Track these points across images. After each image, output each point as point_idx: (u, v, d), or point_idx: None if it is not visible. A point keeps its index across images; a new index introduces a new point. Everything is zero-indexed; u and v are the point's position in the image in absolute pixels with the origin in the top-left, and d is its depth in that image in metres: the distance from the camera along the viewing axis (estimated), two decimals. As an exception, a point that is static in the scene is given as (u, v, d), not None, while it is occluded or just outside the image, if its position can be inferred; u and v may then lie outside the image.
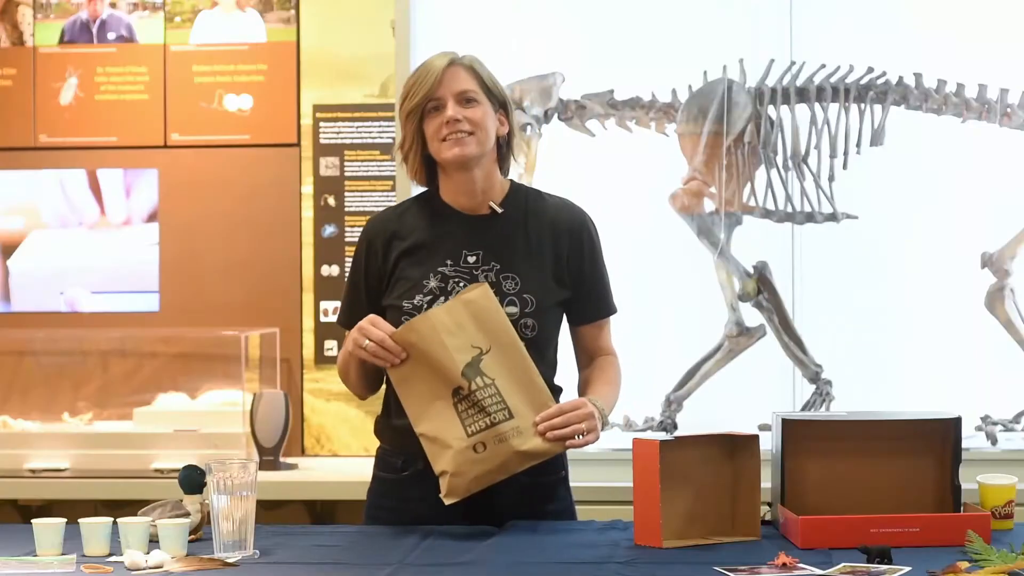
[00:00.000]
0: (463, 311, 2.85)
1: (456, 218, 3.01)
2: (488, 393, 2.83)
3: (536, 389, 2.87)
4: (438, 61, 2.97)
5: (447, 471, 2.82)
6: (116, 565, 2.59)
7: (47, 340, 5.10)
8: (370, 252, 3.03)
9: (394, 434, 3.00)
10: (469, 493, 2.84)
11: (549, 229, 3.01)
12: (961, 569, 2.42)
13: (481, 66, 3.01)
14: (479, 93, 2.97)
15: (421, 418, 2.86)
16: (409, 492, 2.98)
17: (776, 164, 4.36)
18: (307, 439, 5.01)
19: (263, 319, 5.01)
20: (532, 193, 3.08)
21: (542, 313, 2.95)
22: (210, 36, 5.08)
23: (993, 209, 4.44)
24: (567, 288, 3.01)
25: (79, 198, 5.10)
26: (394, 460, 3.02)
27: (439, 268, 2.96)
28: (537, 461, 2.87)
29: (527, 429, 2.84)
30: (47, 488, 4.64)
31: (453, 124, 2.93)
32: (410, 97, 2.96)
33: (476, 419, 2.83)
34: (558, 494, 3.05)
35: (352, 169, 5.03)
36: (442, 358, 2.83)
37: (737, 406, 4.36)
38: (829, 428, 2.91)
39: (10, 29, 5.14)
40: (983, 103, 4.32)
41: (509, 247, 2.98)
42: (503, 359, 2.85)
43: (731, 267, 4.39)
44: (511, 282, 2.94)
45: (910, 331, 4.45)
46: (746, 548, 2.68)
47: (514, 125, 3.04)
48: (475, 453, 2.82)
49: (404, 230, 3.02)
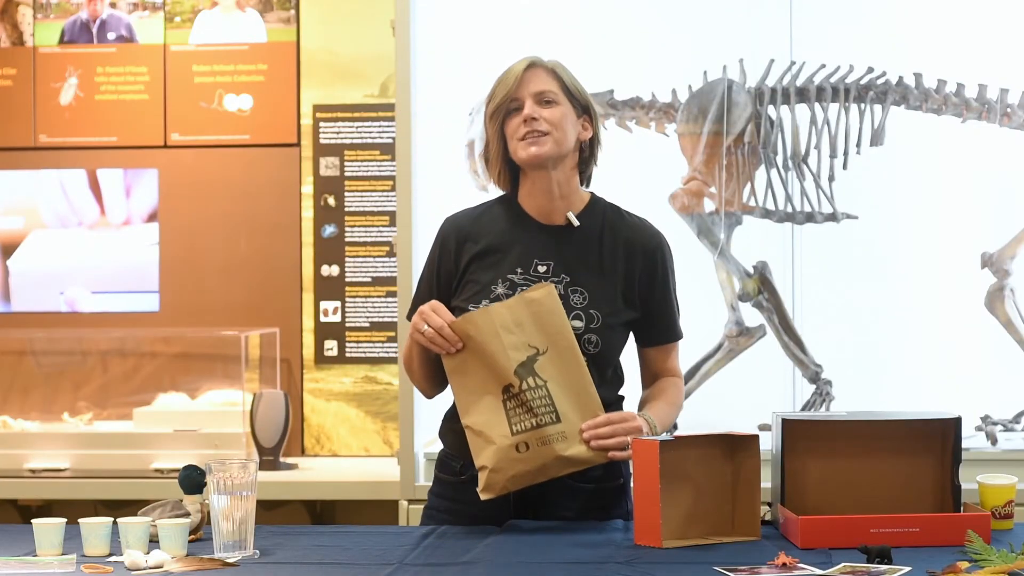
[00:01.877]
0: (524, 309, 2.85)
1: (532, 225, 3.00)
2: (538, 395, 2.83)
3: (587, 396, 2.87)
4: (519, 64, 2.97)
5: (487, 466, 2.83)
6: (116, 565, 2.59)
7: (47, 340, 5.10)
8: (443, 251, 3.02)
9: (455, 438, 3.00)
10: (505, 491, 2.85)
11: (624, 248, 3.00)
12: (961, 569, 2.42)
13: (564, 70, 3.00)
14: (559, 95, 2.96)
15: (469, 410, 2.86)
16: (465, 495, 2.98)
17: (776, 164, 4.36)
18: (307, 439, 5.01)
19: (263, 319, 5.01)
20: (611, 209, 3.06)
21: (607, 330, 2.94)
22: (210, 36, 5.08)
23: (993, 209, 4.44)
24: (635, 309, 3.00)
25: (79, 198, 5.11)
26: (454, 463, 3.03)
27: (508, 275, 2.95)
28: (577, 468, 2.87)
29: (572, 435, 2.84)
30: (47, 488, 4.64)
31: (530, 123, 2.92)
32: (492, 99, 2.97)
33: (523, 419, 2.83)
34: (613, 501, 3.03)
35: (352, 169, 5.03)
36: (497, 354, 2.83)
37: (737, 406, 4.37)
38: (829, 428, 2.91)
39: (10, 29, 5.14)
40: (983, 103, 4.32)
41: (581, 261, 2.97)
42: (558, 362, 2.85)
43: (731, 267, 4.39)
44: (579, 296, 2.94)
45: (910, 331, 4.45)
46: (746, 548, 2.68)
47: (598, 131, 3.04)
48: (517, 452, 2.83)
49: (478, 232, 3.01)
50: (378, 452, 4.98)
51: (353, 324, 5.02)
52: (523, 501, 2.94)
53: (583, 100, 3.00)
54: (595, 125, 3.03)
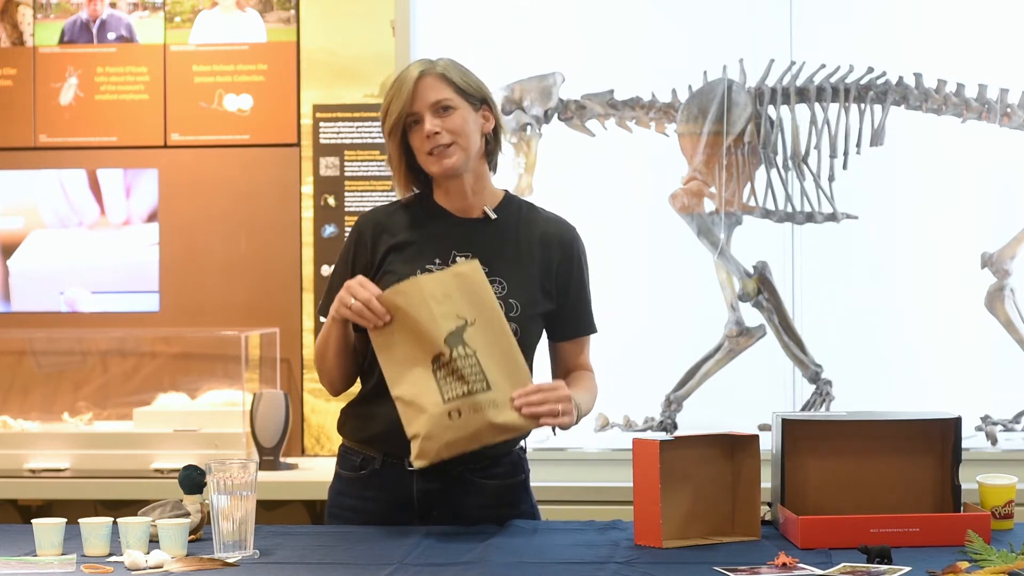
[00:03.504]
0: (452, 282, 2.85)
1: (448, 219, 3.01)
2: (468, 363, 2.82)
3: (516, 366, 2.86)
4: (410, 73, 2.95)
5: (419, 434, 2.81)
6: (116, 565, 2.59)
7: (47, 340, 5.10)
8: (359, 244, 3.02)
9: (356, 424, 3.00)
10: (439, 459, 2.82)
11: (540, 240, 3.01)
12: (961, 569, 2.42)
13: (454, 69, 2.97)
14: (454, 98, 2.94)
15: (399, 381, 2.85)
16: (367, 491, 2.99)
17: (776, 164, 4.36)
18: (307, 439, 5.01)
19: (263, 319, 5.01)
20: (525, 204, 3.08)
21: (526, 320, 2.95)
22: (210, 36, 5.08)
23: (993, 209, 4.44)
24: (552, 300, 3.01)
25: (79, 198, 5.11)
26: (353, 458, 3.02)
27: (427, 266, 2.96)
28: (510, 435, 2.86)
29: (504, 402, 2.82)
30: (47, 488, 4.64)
31: (433, 138, 2.92)
32: (388, 115, 2.95)
33: (454, 386, 2.82)
34: (517, 498, 3.04)
35: (352, 169, 5.03)
36: (426, 323, 2.82)
37: (737, 406, 4.37)
38: (829, 428, 2.91)
39: (10, 29, 5.14)
40: (983, 103, 4.32)
41: (498, 252, 2.98)
42: (487, 333, 2.85)
43: (731, 267, 4.39)
44: (498, 286, 2.94)
45: (910, 331, 4.45)
46: (746, 548, 2.68)
47: (499, 118, 3.02)
48: (449, 420, 2.81)
49: (395, 226, 3.02)
50: (378, 452, 4.98)
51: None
52: (427, 497, 2.93)
53: (479, 94, 2.98)
54: (495, 113, 3.01)
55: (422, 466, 2.82)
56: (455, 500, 2.95)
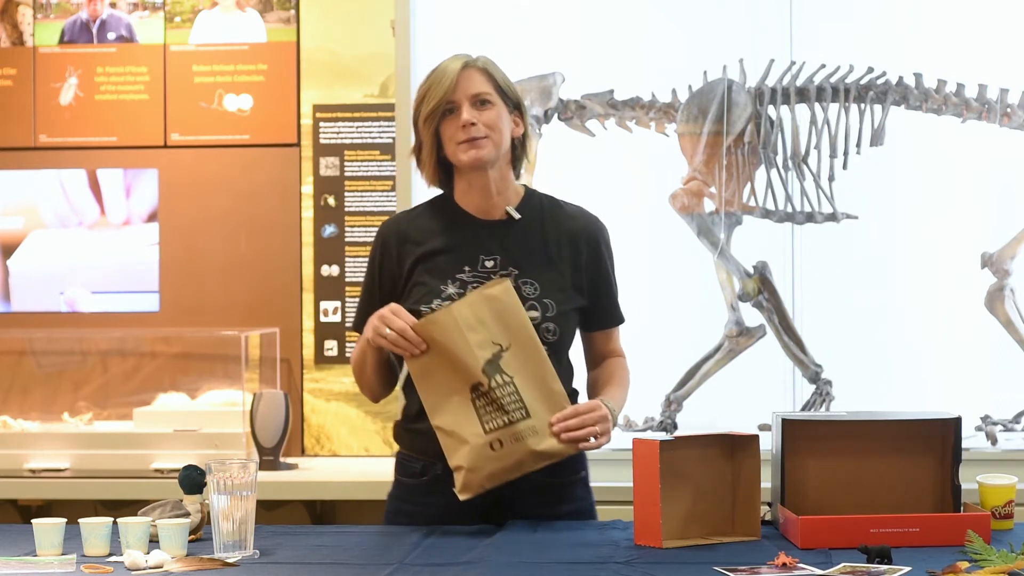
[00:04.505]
0: (484, 307, 2.86)
1: (472, 223, 3.01)
2: (507, 392, 2.84)
3: (552, 390, 2.88)
4: (452, 64, 2.97)
5: (463, 466, 2.83)
6: (116, 565, 2.59)
7: (47, 340, 5.10)
8: (385, 255, 3.03)
9: (413, 438, 3.02)
10: (483, 490, 2.85)
11: (567, 236, 3.02)
12: (961, 569, 2.42)
13: (495, 68, 3.01)
14: (493, 95, 2.97)
15: (438, 410, 2.86)
16: (428, 497, 2.99)
17: (776, 164, 4.36)
18: (307, 439, 5.01)
19: (263, 319, 5.01)
20: (547, 200, 3.08)
21: (562, 318, 2.95)
22: (210, 36, 5.08)
23: (993, 209, 4.44)
24: (584, 296, 3.01)
25: (79, 198, 5.11)
26: (413, 465, 3.03)
27: (457, 275, 2.96)
28: (551, 461, 2.88)
29: (543, 429, 2.85)
30: (47, 488, 4.64)
31: (469, 128, 2.93)
32: (426, 101, 2.96)
33: (494, 416, 2.83)
34: (576, 495, 3.05)
35: (352, 169, 5.03)
36: (463, 353, 2.83)
37: (737, 406, 4.37)
38: (829, 428, 2.91)
39: (10, 29, 5.14)
40: (983, 103, 4.32)
41: (527, 252, 2.98)
42: (522, 357, 2.86)
43: (731, 267, 4.39)
44: (530, 287, 2.94)
45: (910, 331, 4.45)
46: (746, 548, 2.68)
47: (528, 127, 3.05)
48: (491, 451, 2.83)
49: (419, 233, 3.01)
50: (378, 452, 4.98)
51: (353, 324, 5.02)
52: (488, 500, 2.93)
53: (514, 98, 3.02)
54: (525, 121, 3.04)
55: (467, 498, 2.84)
56: (516, 500, 2.95)
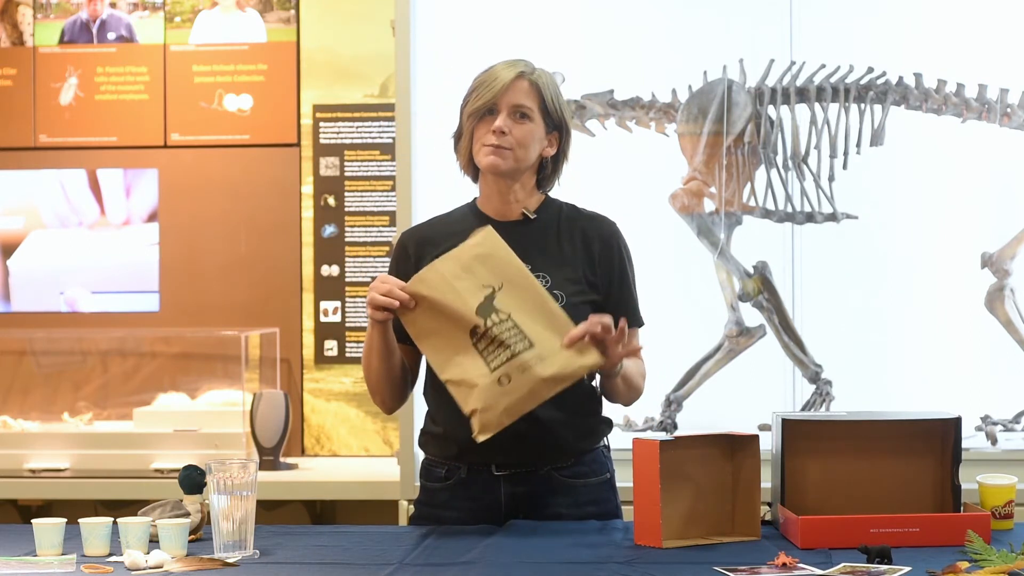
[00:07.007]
0: (469, 256, 2.86)
1: (489, 223, 3.00)
2: (505, 327, 2.82)
3: (554, 315, 2.85)
4: (507, 72, 2.96)
5: (476, 408, 2.81)
6: (116, 565, 2.59)
7: (47, 340, 5.10)
8: (402, 258, 3.05)
9: (436, 442, 3.04)
10: (501, 427, 2.80)
11: (581, 236, 3.03)
12: (961, 569, 2.42)
13: (549, 86, 2.99)
14: (535, 111, 2.97)
15: (446, 366, 2.85)
16: (454, 500, 3.00)
17: (776, 164, 4.36)
18: (307, 439, 5.01)
19: (263, 319, 5.01)
20: (567, 205, 3.09)
21: (572, 309, 2.93)
22: (210, 36, 5.08)
23: (993, 209, 4.44)
24: (597, 292, 3.01)
25: (79, 198, 5.11)
26: (438, 470, 3.04)
27: None
28: (565, 384, 2.83)
29: (549, 355, 2.81)
30: (47, 488, 4.64)
31: (498, 136, 2.94)
32: (475, 98, 2.97)
33: (497, 353, 2.81)
34: (602, 496, 3.05)
35: (352, 169, 5.03)
36: (455, 303, 2.83)
37: (737, 406, 4.36)
38: (829, 428, 2.91)
39: (10, 29, 5.14)
40: (983, 103, 4.32)
41: (540, 248, 2.99)
42: (516, 293, 2.84)
43: (731, 267, 4.39)
44: (542, 280, 2.94)
45: (910, 331, 4.45)
46: (746, 548, 2.68)
47: (567, 150, 3.04)
48: (500, 386, 2.80)
49: (437, 236, 3.03)
50: (378, 452, 4.98)
51: (353, 324, 5.03)
52: (514, 501, 2.95)
53: (557, 119, 3.00)
54: (563, 144, 3.03)
55: (486, 438, 2.80)
56: (542, 501, 2.96)
